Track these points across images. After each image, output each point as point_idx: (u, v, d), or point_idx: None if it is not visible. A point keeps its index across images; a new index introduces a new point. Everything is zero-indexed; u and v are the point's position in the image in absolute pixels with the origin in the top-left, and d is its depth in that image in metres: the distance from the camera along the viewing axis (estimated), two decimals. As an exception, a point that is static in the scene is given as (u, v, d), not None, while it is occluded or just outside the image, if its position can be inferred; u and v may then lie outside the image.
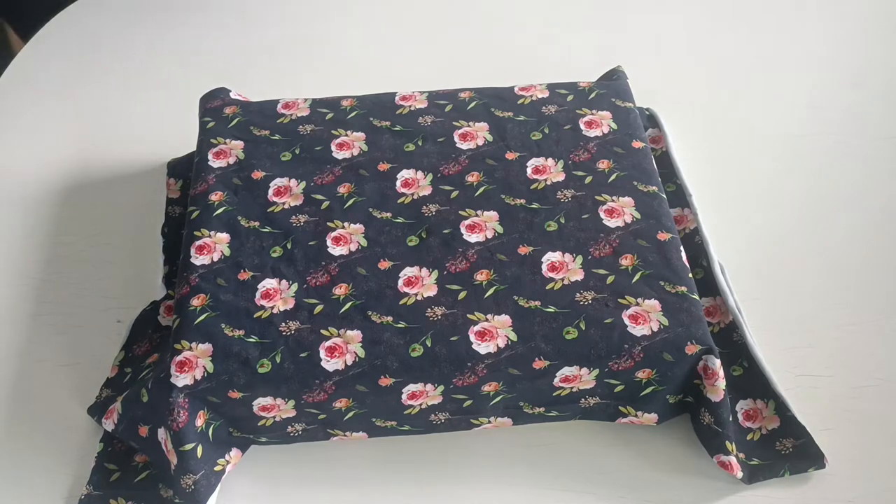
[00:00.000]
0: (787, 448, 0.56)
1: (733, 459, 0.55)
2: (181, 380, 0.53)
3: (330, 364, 0.54)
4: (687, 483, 0.56)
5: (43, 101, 0.81)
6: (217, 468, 0.55)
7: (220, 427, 0.55)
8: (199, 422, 0.54)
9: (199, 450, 0.54)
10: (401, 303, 0.56)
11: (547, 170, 0.63)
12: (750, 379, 0.59)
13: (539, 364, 0.54)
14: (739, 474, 0.55)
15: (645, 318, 0.55)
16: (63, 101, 0.81)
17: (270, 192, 0.62)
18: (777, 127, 0.78)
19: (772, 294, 0.65)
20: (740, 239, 0.69)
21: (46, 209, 0.72)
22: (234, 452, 0.56)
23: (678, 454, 0.57)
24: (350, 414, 0.55)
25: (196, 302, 0.56)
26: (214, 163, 0.64)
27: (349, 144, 0.65)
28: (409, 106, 0.68)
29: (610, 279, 0.57)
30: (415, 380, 0.54)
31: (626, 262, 0.58)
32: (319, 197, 0.62)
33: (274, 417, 0.55)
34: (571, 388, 0.55)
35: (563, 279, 0.57)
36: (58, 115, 0.80)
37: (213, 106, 0.69)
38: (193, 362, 0.54)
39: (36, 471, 0.57)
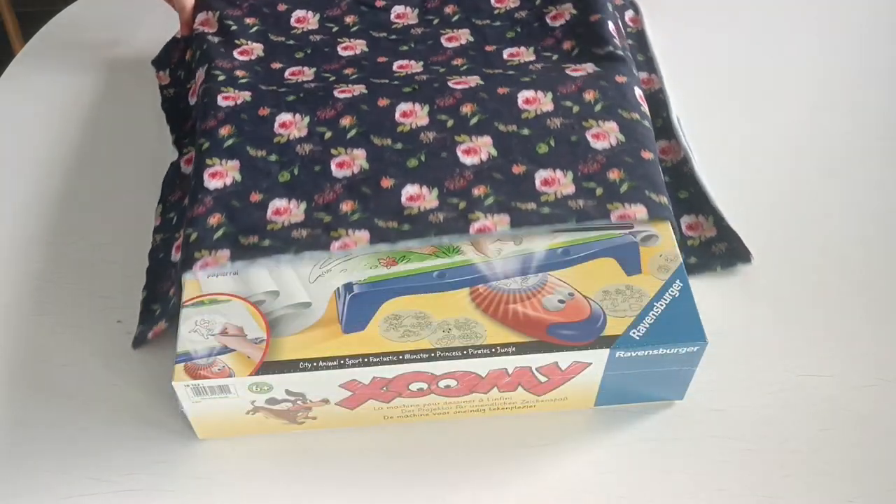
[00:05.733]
0: (721, 250, 0.67)
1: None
2: (213, 184, 0.63)
3: (339, 173, 0.63)
4: (687, 484, 0.56)
5: (43, 100, 0.81)
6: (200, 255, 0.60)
7: (229, 233, 0.60)
8: (213, 221, 0.61)
9: (196, 237, 0.60)
10: (398, 130, 0.66)
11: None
12: (694, 199, 0.70)
13: (518, 169, 0.63)
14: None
15: (605, 136, 0.65)
16: (63, 100, 0.81)
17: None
18: (777, 127, 0.78)
19: (771, 294, 0.65)
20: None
21: (46, 209, 0.72)
22: (223, 253, 0.59)
23: (676, 454, 0.57)
24: (355, 217, 0.61)
25: (223, 131, 0.66)
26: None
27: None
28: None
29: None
30: (412, 181, 0.62)
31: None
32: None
33: (283, 222, 0.60)
34: (555, 191, 0.61)
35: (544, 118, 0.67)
36: (58, 115, 0.80)
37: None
38: (224, 173, 0.64)
39: (35, 472, 0.57)
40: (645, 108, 0.69)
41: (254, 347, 0.54)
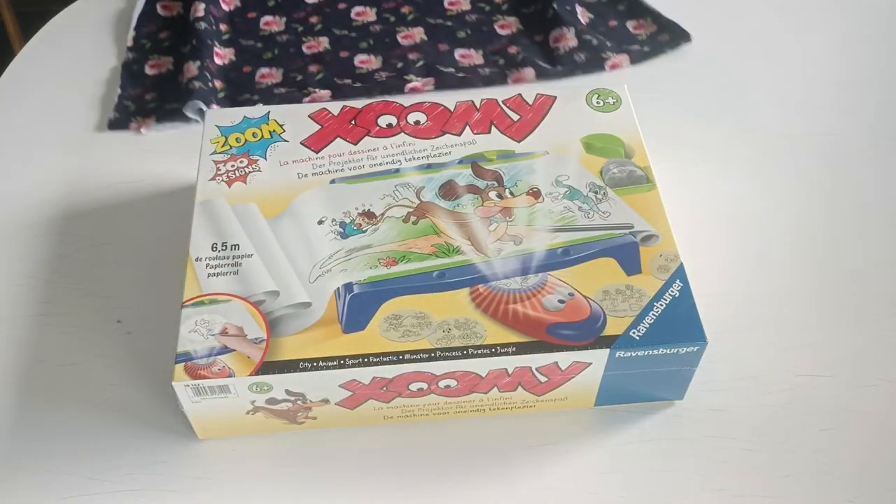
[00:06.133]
0: (665, 39, 0.84)
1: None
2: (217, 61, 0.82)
3: (308, 51, 0.84)
4: (688, 484, 0.56)
5: (43, 100, 0.81)
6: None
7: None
8: (218, 84, 0.79)
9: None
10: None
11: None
12: (632, 7, 0.88)
13: (442, 48, 0.84)
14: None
15: (509, 27, 0.86)
16: (63, 100, 0.81)
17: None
18: (776, 128, 0.78)
19: (770, 294, 0.65)
20: (739, 240, 0.69)
21: (47, 209, 0.72)
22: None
23: (676, 454, 0.57)
24: (319, 76, 0.81)
25: None
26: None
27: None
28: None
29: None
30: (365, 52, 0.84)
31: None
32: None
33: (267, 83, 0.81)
34: (469, 62, 0.82)
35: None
36: (59, 115, 0.80)
37: None
38: (223, 54, 0.83)
39: (35, 472, 0.57)
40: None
41: (254, 347, 0.54)
